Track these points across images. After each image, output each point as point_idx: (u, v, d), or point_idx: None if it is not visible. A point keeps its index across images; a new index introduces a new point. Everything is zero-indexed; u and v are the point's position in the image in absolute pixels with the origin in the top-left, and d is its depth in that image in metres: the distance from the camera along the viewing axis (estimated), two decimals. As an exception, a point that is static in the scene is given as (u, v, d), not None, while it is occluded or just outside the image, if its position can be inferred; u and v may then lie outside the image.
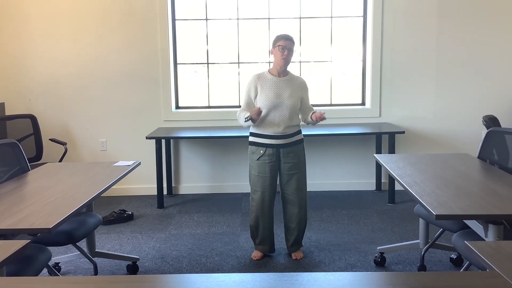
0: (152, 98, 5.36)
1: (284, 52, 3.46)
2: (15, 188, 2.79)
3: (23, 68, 5.31)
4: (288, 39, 3.48)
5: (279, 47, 3.47)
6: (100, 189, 2.76)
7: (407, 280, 1.50)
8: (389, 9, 5.22)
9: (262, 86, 3.52)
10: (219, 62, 5.47)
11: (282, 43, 3.47)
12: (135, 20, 5.24)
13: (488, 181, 2.76)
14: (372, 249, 3.78)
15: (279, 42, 3.48)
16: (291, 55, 3.50)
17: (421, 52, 5.29)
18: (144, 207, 5.01)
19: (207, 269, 3.51)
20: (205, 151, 5.46)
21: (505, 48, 5.27)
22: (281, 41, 3.48)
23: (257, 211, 3.61)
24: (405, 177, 2.88)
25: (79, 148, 5.44)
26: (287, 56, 3.47)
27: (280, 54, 3.47)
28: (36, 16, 5.22)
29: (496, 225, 2.34)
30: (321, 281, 1.51)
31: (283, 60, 3.48)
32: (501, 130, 3.22)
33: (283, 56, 3.47)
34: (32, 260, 2.42)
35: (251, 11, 5.36)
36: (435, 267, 3.46)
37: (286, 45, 3.46)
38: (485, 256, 1.60)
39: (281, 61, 3.49)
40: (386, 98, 5.36)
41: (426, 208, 2.31)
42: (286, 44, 3.46)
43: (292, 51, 3.50)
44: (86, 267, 3.55)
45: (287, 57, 3.48)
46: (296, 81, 3.57)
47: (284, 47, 3.46)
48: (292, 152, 3.56)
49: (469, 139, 5.41)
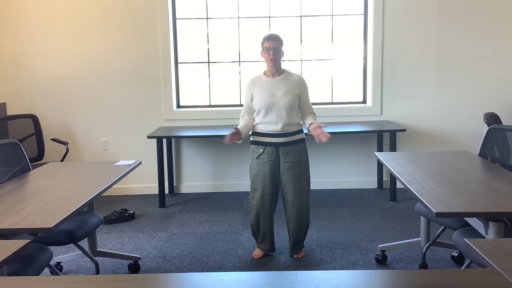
0: (153, 97, 5.36)
1: (270, 53, 3.46)
2: (16, 188, 2.79)
3: (24, 68, 5.32)
4: (272, 39, 3.47)
5: (264, 49, 3.49)
6: (100, 188, 2.76)
7: (407, 278, 1.49)
8: (390, 7, 5.21)
9: (257, 89, 3.53)
10: (220, 61, 5.47)
11: (266, 45, 3.47)
12: (135, 19, 5.24)
13: (489, 178, 2.76)
14: (373, 247, 3.78)
15: (264, 44, 3.49)
16: (279, 54, 3.48)
17: (422, 50, 5.28)
18: (145, 206, 5.02)
19: (208, 267, 3.51)
20: (207, 150, 5.46)
21: (506, 46, 5.26)
22: (265, 42, 3.48)
23: (257, 209, 3.61)
24: (405, 175, 2.87)
25: (81, 147, 5.45)
26: (274, 56, 3.46)
27: (267, 55, 3.48)
28: (36, 16, 5.23)
29: (496, 223, 2.34)
30: (320, 279, 1.51)
31: (271, 61, 3.48)
32: (502, 127, 3.22)
33: (270, 57, 3.46)
34: (33, 260, 2.43)
35: (251, 9, 5.36)
36: (437, 265, 3.46)
37: (270, 46, 3.45)
38: (485, 254, 1.59)
39: (269, 62, 3.49)
40: (387, 96, 5.36)
41: (426, 206, 2.31)
42: (270, 44, 3.46)
43: (279, 50, 3.48)
44: (88, 267, 3.56)
45: (274, 57, 3.47)
46: (291, 78, 3.54)
47: (269, 48, 3.46)
48: (292, 151, 3.55)
49: (470, 137, 5.40)
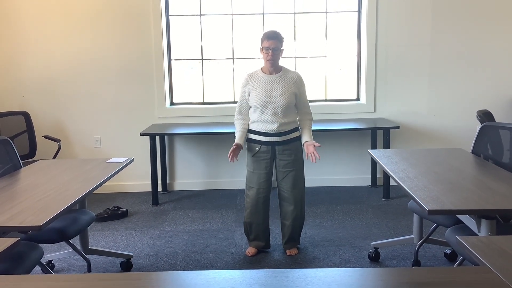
0: (146, 94, 5.34)
1: (269, 53, 3.38)
2: (7, 186, 2.77)
3: (16, 65, 5.28)
4: (272, 38, 3.38)
5: (263, 48, 3.41)
6: (92, 186, 2.74)
7: (399, 275, 1.49)
8: (383, 4, 5.21)
9: (253, 86, 3.48)
10: (213, 58, 5.45)
11: (266, 44, 3.39)
12: (128, 16, 5.21)
13: (481, 176, 2.76)
14: (366, 245, 3.78)
15: (263, 43, 3.41)
16: (278, 53, 3.41)
17: (415, 47, 5.28)
18: (138, 204, 4.99)
19: (201, 265, 3.50)
20: (200, 147, 5.45)
21: (499, 43, 5.27)
22: (264, 41, 3.40)
23: (252, 207, 3.60)
24: (398, 172, 2.87)
25: (73, 145, 5.42)
26: (272, 56, 3.39)
27: (265, 55, 3.41)
28: (29, 12, 5.18)
29: (488, 220, 2.34)
30: (311, 277, 1.50)
31: (269, 62, 3.42)
32: (495, 125, 3.22)
33: (268, 57, 3.40)
34: (23, 258, 2.41)
35: (245, 6, 5.33)
36: (429, 262, 3.46)
37: (270, 46, 3.37)
38: (476, 252, 1.59)
39: (267, 62, 3.43)
40: (381, 93, 5.36)
41: (419, 203, 2.31)
42: (270, 44, 3.37)
43: (279, 49, 3.40)
44: (80, 264, 3.54)
45: (273, 57, 3.39)
46: (289, 76, 3.48)
47: (268, 48, 3.38)
48: (288, 149, 3.54)
49: (463, 134, 5.41)
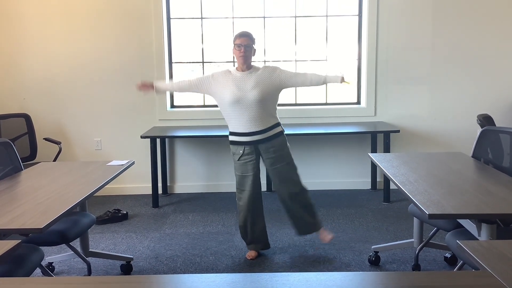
0: (147, 97, 5.34)
1: (241, 49, 3.48)
2: (7, 188, 2.77)
3: (17, 67, 5.28)
4: (243, 36, 3.50)
5: (235, 46, 3.51)
6: (93, 188, 2.74)
7: (399, 279, 1.49)
8: (384, 8, 5.22)
9: (225, 81, 3.51)
10: (214, 61, 5.45)
11: (238, 41, 3.50)
12: (130, 19, 5.22)
13: (482, 180, 2.76)
14: (366, 248, 3.78)
15: (235, 41, 3.51)
16: (250, 51, 3.51)
17: (416, 51, 5.29)
18: (139, 207, 5.00)
19: (201, 268, 3.50)
20: (200, 150, 5.45)
21: (500, 47, 5.28)
22: (237, 39, 3.51)
23: (244, 210, 3.61)
24: (398, 176, 2.87)
25: (74, 147, 5.42)
26: (244, 53, 3.48)
27: (238, 52, 3.50)
28: (30, 14, 5.20)
29: (489, 224, 2.34)
30: (312, 281, 1.50)
31: (242, 58, 3.50)
32: (495, 129, 3.23)
33: (241, 53, 3.48)
34: (24, 260, 2.41)
35: (246, 10, 5.35)
36: (430, 266, 3.46)
37: (241, 42, 3.48)
38: (477, 256, 1.59)
39: (240, 58, 3.51)
40: (381, 97, 5.36)
41: (419, 207, 2.31)
42: (241, 41, 3.48)
43: (250, 47, 3.51)
44: (80, 267, 3.54)
45: (245, 54, 3.48)
46: (261, 70, 3.54)
47: (240, 44, 3.48)
48: (272, 146, 3.55)
49: (464, 138, 5.41)
